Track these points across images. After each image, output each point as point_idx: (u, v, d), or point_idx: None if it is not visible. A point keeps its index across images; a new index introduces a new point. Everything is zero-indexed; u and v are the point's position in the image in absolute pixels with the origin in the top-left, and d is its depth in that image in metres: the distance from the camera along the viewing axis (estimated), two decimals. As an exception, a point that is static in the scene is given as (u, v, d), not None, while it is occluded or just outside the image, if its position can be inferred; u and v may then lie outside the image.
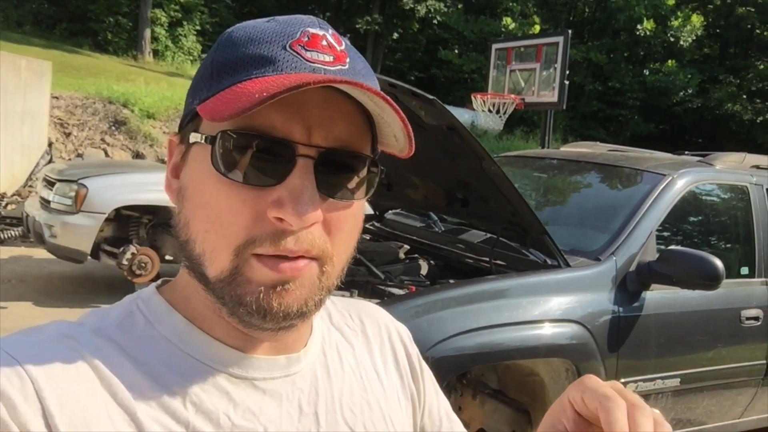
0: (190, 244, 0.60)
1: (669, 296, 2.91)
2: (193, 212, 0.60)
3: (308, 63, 0.58)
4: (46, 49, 17.05)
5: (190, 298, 0.64)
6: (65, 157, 9.88)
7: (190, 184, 0.61)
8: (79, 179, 5.42)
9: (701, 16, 26.55)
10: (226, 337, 0.63)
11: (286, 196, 0.56)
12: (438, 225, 3.60)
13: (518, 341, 2.49)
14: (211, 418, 0.59)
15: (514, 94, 9.53)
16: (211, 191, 0.58)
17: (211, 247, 0.59)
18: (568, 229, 3.31)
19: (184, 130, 0.63)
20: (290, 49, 0.58)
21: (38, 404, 0.52)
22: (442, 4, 27.60)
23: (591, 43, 28.13)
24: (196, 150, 0.61)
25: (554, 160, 4.11)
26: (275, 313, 0.58)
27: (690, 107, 28.29)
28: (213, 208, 0.58)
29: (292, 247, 0.57)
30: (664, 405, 2.93)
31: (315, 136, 0.58)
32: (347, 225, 0.62)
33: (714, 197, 3.51)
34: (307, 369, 0.68)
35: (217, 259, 0.58)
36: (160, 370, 0.59)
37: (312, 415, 0.66)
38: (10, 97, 8.65)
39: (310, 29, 0.60)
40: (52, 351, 0.56)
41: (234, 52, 0.59)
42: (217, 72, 0.59)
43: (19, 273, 6.24)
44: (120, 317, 0.63)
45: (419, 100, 2.43)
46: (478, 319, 2.44)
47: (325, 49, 0.59)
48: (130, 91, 11.99)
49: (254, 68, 0.57)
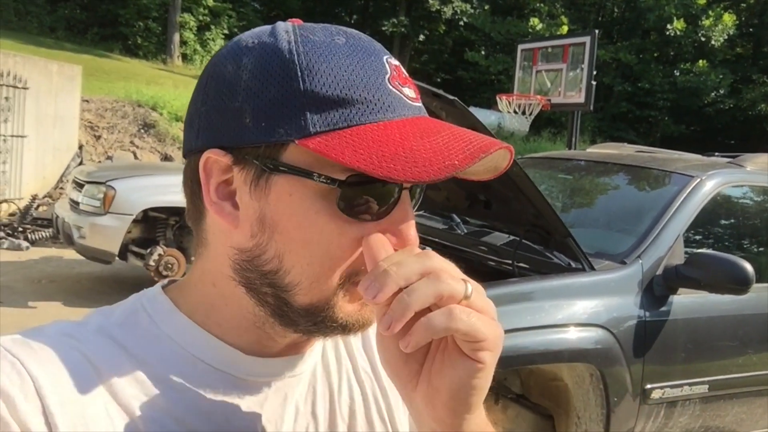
0: (281, 274, 0.59)
1: (697, 301, 2.84)
2: (289, 246, 0.58)
3: (410, 102, 0.60)
4: (77, 53, 17.40)
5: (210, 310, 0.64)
6: (95, 159, 10.06)
7: (284, 218, 0.58)
8: (107, 181, 5.51)
9: (733, 15, 26.10)
10: (231, 338, 0.63)
11: (394, 228, 0.59)
12: (460, 227, 3.58)
13: (542, 345, 2.46)
14: (210, 418, 0.60)
15: (540, 95, 9.45)
16: (322, 228, 0.57)
17: (311, 278, 0.59)
18: (593, 231, 3.26)
19: (245, 151, 0.58)
20: (391, 86, 0.59)
21: (38, 403, 0.52)
22: (469, 6, 27.53)
23: (620, 44, 27.82)
24: (290, 182, 0.57)
25: (580, 162, 4.05)
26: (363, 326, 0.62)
27: (722, 108, 27.82)
28: (321, 244, 0.58)
29: None
30: (692, 412, 2.86)
31: None
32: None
33: (744, 199, 3.42)
34: (310, 369, 0.69)
35: (317, 290, 0.59)
36: (161, 369, 0.60)
37: (310, 415, 0.66)
38: (42, 100, 8.83)
39: (389, 59, 0.61)
40: (53, 350, 0.57)
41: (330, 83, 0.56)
42: (314, 105, 0.56)
43: (49, 273, 6.35)
44: (124, 315, 0.63)
45: (440, 101, 2.41)
46: (501, 322, 2.40)
47: (406, 81, 0.61)
48: (159, 94, 12.18)
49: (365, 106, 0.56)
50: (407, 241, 0.58)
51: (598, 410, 2.59)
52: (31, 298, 5.52)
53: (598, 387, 2.56)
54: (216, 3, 24.54)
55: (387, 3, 29.74)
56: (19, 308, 5.22)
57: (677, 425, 2.86)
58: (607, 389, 2.55)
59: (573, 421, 2.67)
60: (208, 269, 0.63)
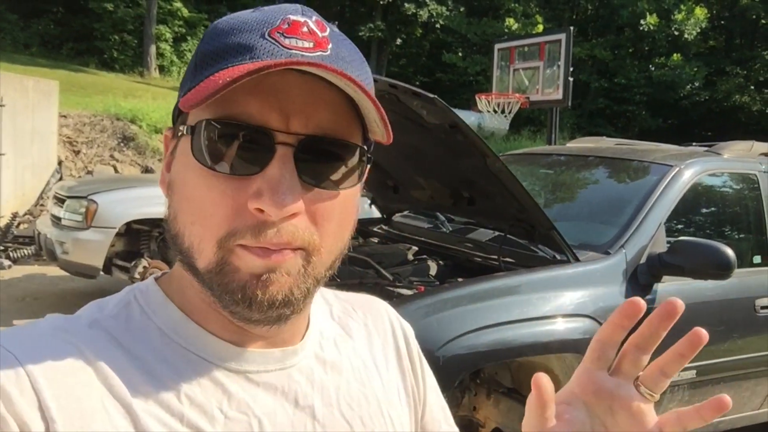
0: (179, 237, 0.60)
1: (681, 287, 2.88)
2: (179, 204, 0.60)
3: (285, 49, 0.56)
4: (52, 69, 17.22)
5: (185, 291, 0.64)
6: (75, 174, 9.95)
7: (177, 177, 0.61)
8: (88, 195, 5.45)
9: (705, 9, 26.46)
10: (221, 331, 0.63)
11: (265, 187, 0.55)
12: (445, 225, 3.60)
13: (530, 337, 2.48)
14: (205, 410, 0.59)
15: (518, 94, 9.52)
16: (194, 183, 0.58)
17: (198, 239, 0.58)
18: (576, 224, 3.29)
19: (176, 124, 0.63)
20: (269, 37, 0.57)
21: (34, 397, 0.52)
22: (444, 8, 27.62)
23: (595, 41, 28.08)
24: (183, 142, 0.60)
25: (561, 156, 4.09)
26: (260, 302, 0.57)
27: (697, 100, 28.14)
28: (196, 200, 0.58)
29: (272, 239, 0.56)
30: (681, 398, 2.90)
31: (294, 123, 0.57)
32: (335, 215, 0.60)
33: (723, 186, 3.48)
34: (304, 362, 0.68)
35: (204, 251, 0.58)
36: (155, 362, 0.60)
37: (308, 409, 0.66)
38: (18, 117, 8.73)
39: (291, 16, 0.59)
40: (48, 345, 0.56)
41: (216, 43, 0.59)
42: (200, 63, 0.59)
43: (33, 291, 6.28)
44: (117, 308, 0.63)
45: (420, 100, 2.43)
46: (488, 316, 2.43)
47: (305, 35, 0.58)
48: (137, 107, 12.08)
49: (232, 57, 0.56)
50: (274, 204, 0.54)
51: (588, 400, 2.61)
52: (15, 316, 5.45)
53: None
54: (191, 14, 24.40)
55: (363, 8, 29.77)
56: (3, 327, 5.15)
57: (666, 411, 2.89)
58: (597, 378, 2.57)
59: (565, 412, 2.68)
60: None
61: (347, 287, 2.80)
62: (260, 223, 0.56)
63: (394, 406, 0.74)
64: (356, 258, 2.98)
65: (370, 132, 0.62)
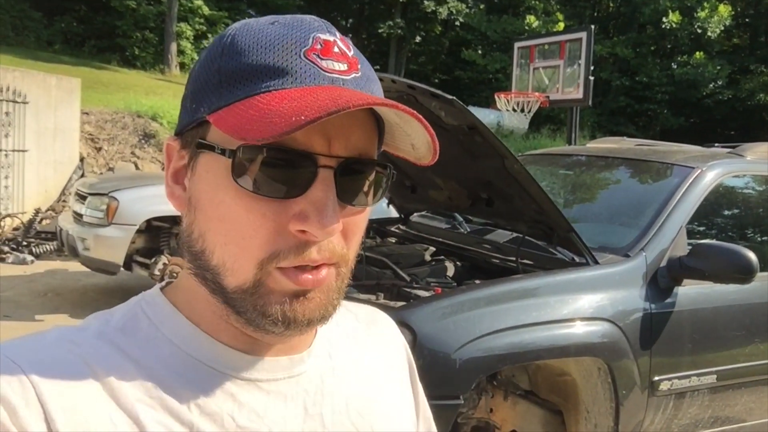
0: (206, 254, 0.60)
1: (702, 291, 2.84)
2: (208, 224, 0.59)
3: (326, 73, 0.57)
4: (75, 66, 17.42)
5: (193, 303, 0.64)
6: (97, 171, 10.07)
7: (203, 195, 0.60)
8: (110, 192, 5.52)
9: (729, 6, 26.05)
10: (231, 340, 0.63)
11: (310, 209, 0.56)
12: (463, 226, 3.58)
13: (548, 341, 2.46)
14: (216, 419, 0.59)
15: (538, 92, 9.45)
16: (230, 205, 0.57)
17: (232, 259, 0.58)
18: (596, 225, 3.26)
19: (187, 135, 0.62)
20: (305, 58, 0.57)
21: (40, 409, 0.52)
22: (464, 5, 27.55)
23: (616, 38, 27.82)
24: (207, 159, 0.59)
25: (581, 157, 4.06)
26: (300, 322, 0.59)
27: (720, 99, 27.75)
28: (232, 222, 0.57)
29: (315, 257, 0.57)
30: (701, 402, 2.86)
31: (335, 146, 0.57)
32: (360, 228, 0.63)
33: (746, 189, 3.42)
34: (312, 370, 0.68)
35: (239, 271, 0.58)
36: (163, 372, 0.59)
37: (318, 416, 0.66)
38: (41, 114, 8.85)
39: (320, 36, 0.58)
40: (54, 356, 0.56)
41: (245, 60, 0.57)
42: (227, 80, 0.57)
43: (54, 286, 6.37)
44: (124, 319, 0.63)
45: (439, 101, 2.42)
46: (506, 319, 2.41)
47: (338, 57, 0.59)
48: (158, 104, 12.19)
49: (270, 79, 0.56)
50: (321, 227, 0.55)
51: (607, 404, 2.59)
52: (37, 311, 5.53)
53: (606, 381, 2.56)
54: (212, 12, 24.57)
55: (382, 6, 29.76)
56: (26, 322, 5.23)
57: (686, 416, 2.86)
58: (616, 382, 2.55)
59: (582, 415, 2.67)
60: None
61: (365, 288, 2.80)
62: (302, 243, 0.57)
63: (402, 415, 0.75)
64: (373, 258, 2.98)
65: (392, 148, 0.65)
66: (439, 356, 2.23)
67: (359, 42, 28.09)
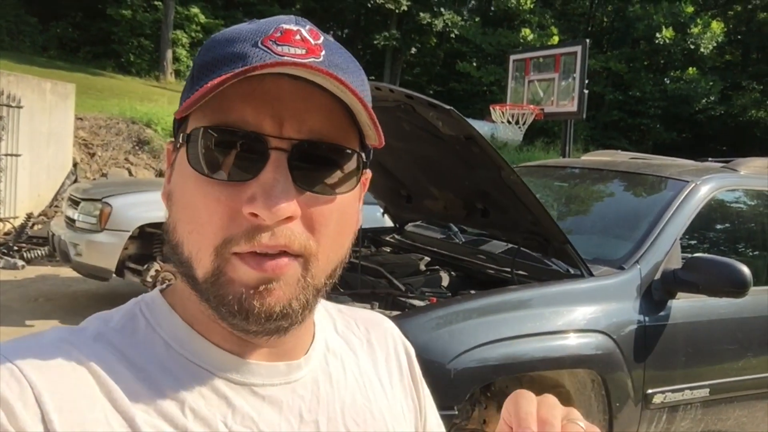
0: (179, 247, 0.60)
1: (696, 304, 2.85)
2: (178, 214, 0.61)
3: (277, 56, 0.56)
4: (70, 72, 17.41)
5: (186, 303, 0.64)
6: (90, 177, 10.04)
7: (176, 186, 0.62)
8: (103, 198, 5.50)
9: (721, 23, 26.33)
10: (224, 342, 0.63)
11: (259, 191, 0.55)
12: (458, 236, 3.59)
13: (542, 352, 2.46)
14: (209, 424, 0.59)
15: (533, 105, 9.50)
16: (191, 192, 0.58)
17: (196, 248, 0.58)
18: (591, 237, 3.27)
19: (176, 137, 0.64)
20: (261, 45, 0.57)
21: (37, 410, 0.52)
22: (459, 18, 27.71)
23: (610, 53, 28.04)
24: (180, 153, 0.61)
25: (575, 169, 4.07)
26: (257, 314, 0.57)
27: (713, 115, 27.98)
28: (193, 208, 0.58)
29: (267, 242, 0.56)
30: (694, 416, 2.86)
31: (287, 128, 0.57)
32: (332, 220, 0.60)
33: (739, 203, 3.44)
34: (309, 376, 0.67)
35: (202, 260, 0.58)
36: (159, 375, 0.59)
37: (313, 423, 0.65)
38: (35, 119, 8.82)
39: (284, 26, 0.59)
40: (52, 357, 0.56)
41: (211, 54, 0.59)
42: (197, 75, 0.60)
43: (45, 292, 6.32)
44: (122, 321, 0.63)
45: (436, 111, 2.43)
46: (500, 329, 2.41)
47: (297, 42, 0.58)
48: (152, 111, 12.18)
49: (226, 66, 0.57)
50: (267, 208, 0.54)
51: (600, 416, 2.59)
52: (28, 317, 5.49)
53: (599, 393, 2.56)
54: (208, 19, 24.62)
55: (378, 17, 29.89)
56: (17, 327, 5.18)
57: (679, 430, 2.86)
58: (609, 395, 2.55)
59: (575, 427, 2.66)
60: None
61: (359, 297, 2.79)
62: (254, 228, 0.56)
63: (399, 423, 0.74)
64: (368, 267, 2.98)
65: (366, 138, 0.63)
66: (433, 366, 2.22)
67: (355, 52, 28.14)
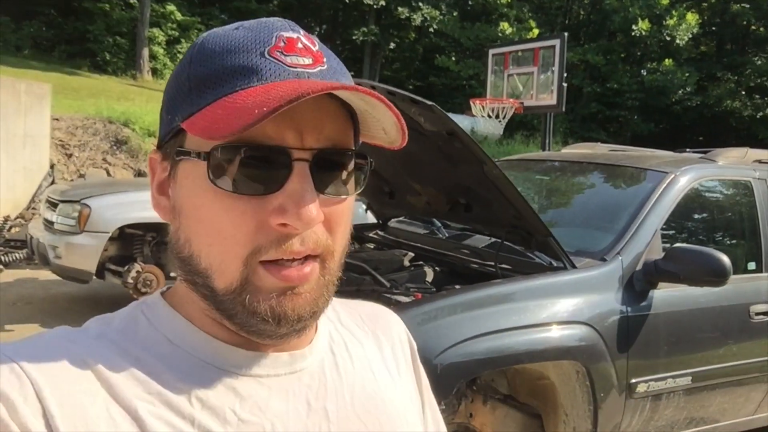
0: (195, 259, 0.61)
1: (677, 294, 2.89)
2: (193, 228, 0.61)
3: (290, 68, 0.58)
4: (44, 72, 17.15)
5: (189, 304, 0.65)
6: (67, 178, 9.90)
7: (186, 201, 0.61)
8: (81, 199, 5.43)
9: (696, 14, 26.58)
10: (227, 337, 0.63)
11: (288, 202, 0.57)
12: (442, 231, 3.59)
13: (527, 345, 2.48)
14: (218, 413, 0.59)
15: (512, 99, 9.54)
16: (210, 206, 0.59)
17: (218, 260, 0.59)
18: (572, 230, 3.29)
19: (167, 146, 0.64)
20: (269, 56, 0.58)
21: (38, 405, 0.52)
22: (438, 12, 27.68)
23: (587, 46, 28.19)
24: (186, 166, 0.61)
25: (556, 162, 4.10)
26: (290, 318, 0.60)
27: (689, 105, 28.29)
28: (213, 222, 0.59)
29: (298, 248, 0.58)
30: (677, 404, 2.90)
31: (307, 139, 0.58)
32: (344, 218, 0.64)
33: (717, 193, 3.49)
34: (314, 366, 0.68)
35: (226, 271, 0.59)
36: (163, 369, 0.60)
37: (321, 410, 0.66)
38: (10, 120, 8.68)
39: (283, 33, 0.60)
40: (52, 353, 0.57)
41: (211, 65, 0.59)
42: (197, 86, 0.59)
43: (24, 295, 6.24)
44: (124, 322, 0.64)
45: (418, 107, 2.43)
46: (485, 324, 2.42)
47: (302, 52, 0.60)
48: (130, 110, 12.03)
49: (237, 79, 0.58)
50: (300, 218, 0.56)
51: (585, 407, 2.61)
52: (6, 321, 5.41)
53: (584, 384, 2.59)
54: (185, 17, 24.38)
55: (356, 12, 29.79)
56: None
57: (663, 418, 2.90)
58: (594, 385, 2.58)
59: (561, 419, 2.69)
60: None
61: (344, 294, 2.80)
62: (284, 236, 0.58)
63: (408, 410, 0.75)
64: (353, 264, 2.97)
65: (367, 137, 0.66)
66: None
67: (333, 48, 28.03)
